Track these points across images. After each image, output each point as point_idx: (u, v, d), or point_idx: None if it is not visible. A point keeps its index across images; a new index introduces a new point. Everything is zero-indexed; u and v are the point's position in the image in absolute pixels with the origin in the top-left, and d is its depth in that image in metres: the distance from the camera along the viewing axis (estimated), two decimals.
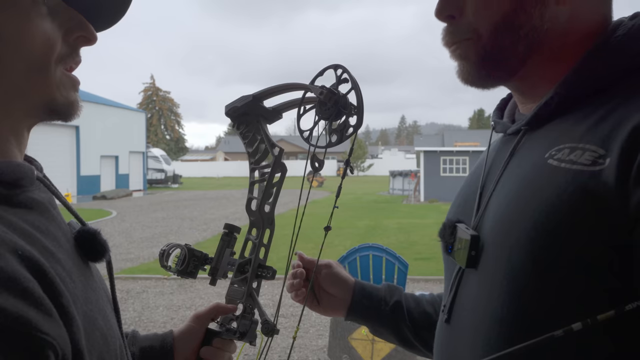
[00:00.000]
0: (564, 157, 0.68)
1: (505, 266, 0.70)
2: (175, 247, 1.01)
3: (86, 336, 0.61)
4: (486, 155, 0.88)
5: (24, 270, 0.55)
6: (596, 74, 0.73)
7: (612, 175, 0.62)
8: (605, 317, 0.61)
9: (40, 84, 0.68)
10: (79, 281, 0.66)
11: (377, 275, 4.69)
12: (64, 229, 0.71)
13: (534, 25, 0.76)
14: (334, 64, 0.91)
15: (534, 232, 0.67)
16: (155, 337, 1.00)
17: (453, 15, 0.80)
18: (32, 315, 0.53)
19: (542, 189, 0.69)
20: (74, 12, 0.71)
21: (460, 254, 0.78)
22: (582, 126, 0.70)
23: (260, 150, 1.01)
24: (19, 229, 0.61)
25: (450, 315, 0.82)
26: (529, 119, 0.78)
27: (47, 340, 0.53)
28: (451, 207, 0.92)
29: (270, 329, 0.95)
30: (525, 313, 0.68)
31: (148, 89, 63.81)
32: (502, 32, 0.77)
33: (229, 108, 1.02)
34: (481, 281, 0.75)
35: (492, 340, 0.71)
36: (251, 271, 0.98)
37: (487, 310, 0.73)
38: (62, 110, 0.71)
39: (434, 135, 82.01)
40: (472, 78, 0.81)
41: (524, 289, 0.68)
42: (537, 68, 0.79)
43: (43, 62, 0.67)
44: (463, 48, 0.80)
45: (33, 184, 0.68)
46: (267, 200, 0.99)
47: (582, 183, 0.64)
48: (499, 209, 0.75)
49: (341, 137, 0.89)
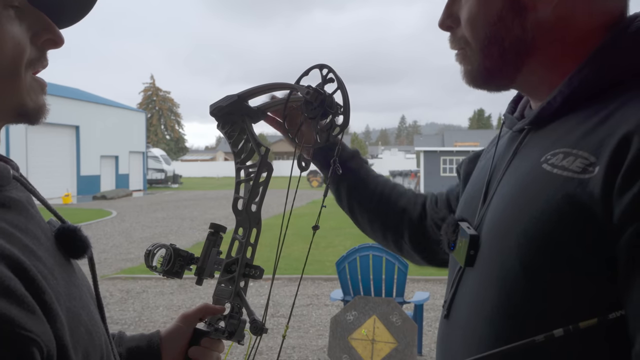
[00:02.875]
0: (557, 162, 0.68)
1: (497, 268, 0.71)
2: (161, 247, 1.00)
3: (70, 332, 0.61)
4: (494, 151, 0.89)
5: (5, 269, 0.55)
6: (599, 75, 0.72)
7: (599, 184, 0.62)
8: (587, 325, 0.61)
9: (10, 89, 0.67)
10: (61, 278, 0.65)
11: (377, 275, 4.69)
12: (44, 227, 0.71)
13: (516, 35, 0.77)
14: (319, 64, 0.91)
15: (524, 238, 0.67)
16: (141, 337, 0.99)
17: (451, 25, 0.84)
18: (15, 313, 0.53)
19: (534, 194, 0.69)
20: (39, 14, 0.70)
21: (461, 253, 0.79)
22: (579, 130, 0.69)
23: (246, 150, 1.01)
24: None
25: (449, 311, 0.83)
26: (532, 118, 0.78)
27: (30, 338, 0.53)
28: (459, 204, 0.94)
29: (258, 328, 0.94)
30: (512, 315, 0.69)
31: (148, 89, 63.87)
32: (490, 45, 0.79)
33: (214, 107, 1.01)
34: (477, 280, 0.76)
35: (483, 339, 0.72)
36: (238, 270, 0.98)
37: (479, 309, 0.74)
38: (31, 114, 0.71)
39: (434, 135, 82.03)
40: (475, 81, 0.83)
41: (513, 291, 0.68)
42: (535, 72, 0.79)
43: (13, 66, 0.66)
44: (461, 56, 0.84)
45: (9, 183, 0.68)
46: (253, 200, 0.98)
47: (570, 191, 0.64)
48: (496, 211, 0.76)
49: (327, 136, 0.88)
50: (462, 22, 0.81)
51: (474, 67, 0.82)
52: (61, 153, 24.56)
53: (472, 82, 0.84)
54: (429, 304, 5.88)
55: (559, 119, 0.75)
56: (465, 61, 0.84)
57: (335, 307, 6.26)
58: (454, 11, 0.83)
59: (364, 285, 4.67)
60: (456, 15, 0.83)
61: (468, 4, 0.80)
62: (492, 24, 0.78)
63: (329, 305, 6.49)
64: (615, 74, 0.72)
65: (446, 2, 0.85)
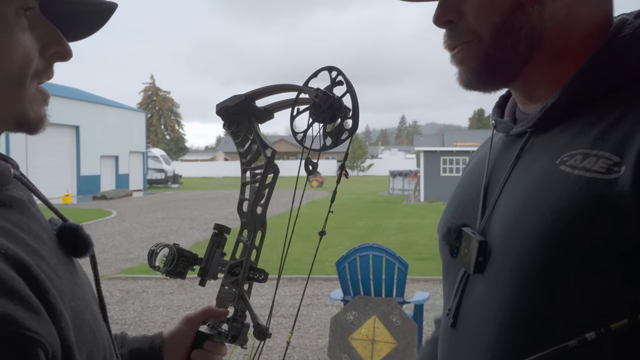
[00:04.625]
0: (576, 163, 0.67)
1: (513, 273, 0.69)
2: (164, 247, 0.99)
3: (75, 332, 0.61)
4: (488, 156, 0.86)
5: (9, 269, 0.55)
6: (605, 75, 0.72)
7: (628, 183, 0.61)
8: (618, 326, 0.60)
9: (14, 98, 0.67)
10: (64, 277, 0.65)
11: (377, 275, 4.69)
12: (45, 226, 0.70)
13: (533, 25, 0.75)
14: (328, 66, 0.89)
15: (546, 240, 0.66)
16: (144, 339, 0.99)
17: (451, 19, 0.80)
18: (20, 314, 0.53)
19: (553, 196, 0.67)
20: (51, 26, 0.70)
21: (467, 259, 0.77)
22: (594, 130, 0.68)
23: (252, 151, 1.00)
24: (1, 228, 0.60)
25: (456, 319, 0.81)
26: (536, 120, 0.76)
27: (35, 339, 0.53)
28: (448, 207, 0.91)
29: (262, 333, 0.93)
30: (533, 321, 0.67)
31: (148, 89, 63.84)
32: (503, 34, 0.76)
33: (220, 107, 1.00)
34: (488, 287, 0.74)
35: (499, 347, 0.70)
36: (242, 274, 0.97)
37: (493, 317, 0.72)
38: (31, 124, 0.71)
39: (434, 135, 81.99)
40: (472, 82, 0.80)
41: (533, 296, 0.67)
42: (540, 68, 0.77)
43: (20, 76, 0.67)
44: (465, 51, 0.80)
45: (10, 182, 0.68)
46: (259, 202, 0.98)
47: (597, 191, 0.63)
48: (507, 215, 0.73)
49: (336, 140, 0.88)
50: (470, 10, 0.77)
51: (478, 63, 0.78)
52: (61, 153, 24.55)
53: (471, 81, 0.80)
54: (429, 304, 5.87)
55: (564, 122, 0.74)
56: (469, 54, 0.79)
57: (335, 307, 6.26)
58: (451, 4, 0.79)
59: (364, 285, 4.66)
60: (456, 8, 0.79)
61: None
62: (511, 11, 0.74)
63: (329, 305, 6.49)
64: (618, 76, 0.71)
65: None
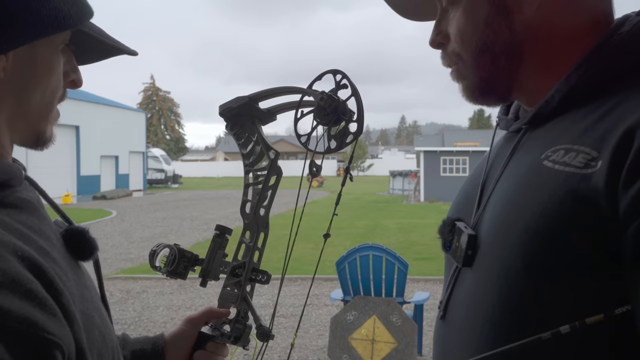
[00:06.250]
0: (558, 158, 0.68)
1: (498, 266, 0.71)
2: (165, 247, 1.00)
3: (86, 334, 0.61)
4: (489, 153, 0.89)
5: (26, 271, 0.55)
6: (597, 72, 0.73)
7: (603, 178, 0.62)
8: (593, 321, 0.61)
9: (42, 116, 0.72)
10: (73, 280, 0.66)
11: (377, 275, 4.69)
12: (53, 228, 0.71)
13: (505, 39, 0.78)
14: (333, 69, 0.90)
15: (526, 235, 0.67)
16: (146, 340, 0.99)
17: (442, 42, 0.85)
18: (39, 317, 0.53)
19: (536, 191, 0.69)
20: (71, 55, 0.76)
21: (457, 252, 0.79)
22: (580, 126, 0.70)
23: (256, 153, 1.00)
24: (14, 230, 0.60)
25: (445, 312, 0.83)
26: (530, 117, 0.79)
27: (53, 341, 0.54)
28: (452, 204, 0.93)
29: (265, 334, 0.94)
30: (515, 313, 0.68)
31: (148, 89, 63.83)
32: (481, 53, 0.80)
33: (224, 108, 1.01)
34: (476, 280, 0.76)
35: (483, 339, 0.72)
36: (245, 275, 0.97)
37: (479, 309, 0.74)
38: (46, 142, 0.76)
39: (434, 135, 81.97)
40: (473, 98, 0.84)
41: (515, 290, 0.68)
42: (531, 76, 0.80)
43: (53, 97, 0.73)
44: (457, 72, 0.85)
45: (21, 183, 0.69)
46: (262, 204, 0.98)
47: (574, 186, 0.64)
48: (495, 209, 0.76)
49: (340, 143, 0.88)
50: (452, 36, 0.82)
51: (470, 81, 0.83)
52: (61, 153, 24.50)
53: (471, 97, 0.84)
54: (429, 304, 5.88)
55: (557, 118, 0.75)
56: (460, 77, 0.84)
57: (335, 307, 6.26)
58: (443, 28, 0.84)
59: (364, 285, 4.67)
60: (445, 31, 0.84)
61: (456, 17, 0.81)
62: (481, 31, 0.79)
63: (329, 305, 6.49)
64: (612, 72, 0.72)
65: (435, 21, 0.85)
